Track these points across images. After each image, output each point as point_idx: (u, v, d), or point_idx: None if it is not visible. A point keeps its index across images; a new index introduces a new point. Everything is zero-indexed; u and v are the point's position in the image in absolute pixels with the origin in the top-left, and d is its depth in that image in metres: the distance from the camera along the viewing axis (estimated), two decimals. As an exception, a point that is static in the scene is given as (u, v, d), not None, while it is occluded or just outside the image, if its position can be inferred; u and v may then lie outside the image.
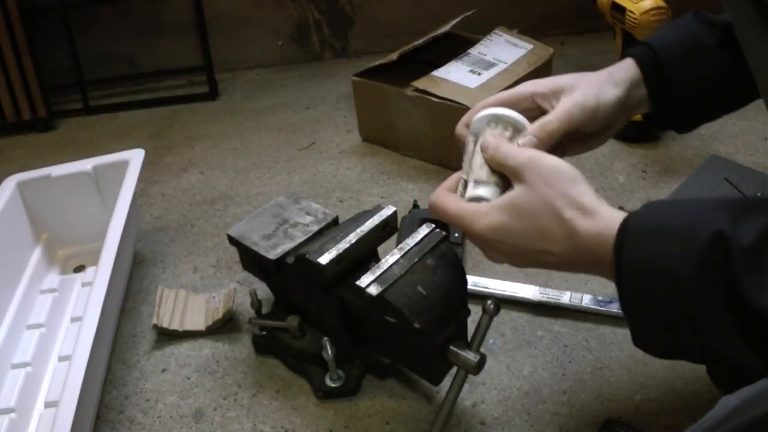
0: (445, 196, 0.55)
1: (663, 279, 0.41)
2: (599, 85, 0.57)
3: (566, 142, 0.59)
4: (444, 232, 0.63)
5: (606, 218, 0.47)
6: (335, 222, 0.72)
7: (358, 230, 0.64)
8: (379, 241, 0.67)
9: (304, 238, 0.69)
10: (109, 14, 1.44)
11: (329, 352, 0.65)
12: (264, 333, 0.73)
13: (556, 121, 0.55)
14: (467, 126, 0.58)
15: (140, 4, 1.44)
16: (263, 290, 0.78)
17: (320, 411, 0.67)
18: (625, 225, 0.44)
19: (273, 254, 0.68)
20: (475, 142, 0.56)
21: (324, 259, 0.61)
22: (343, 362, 0.68)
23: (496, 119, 0.55)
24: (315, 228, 0.71)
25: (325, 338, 0.66)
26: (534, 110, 0.58)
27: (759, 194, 0.79)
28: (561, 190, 0.49)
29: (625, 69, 0.59)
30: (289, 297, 0.72)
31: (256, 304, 0.73)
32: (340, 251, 0.62)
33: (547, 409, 0.65)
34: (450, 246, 0.63)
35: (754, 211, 0.40)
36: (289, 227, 0.71)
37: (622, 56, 0.61)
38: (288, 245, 0.69)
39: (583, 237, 0.47)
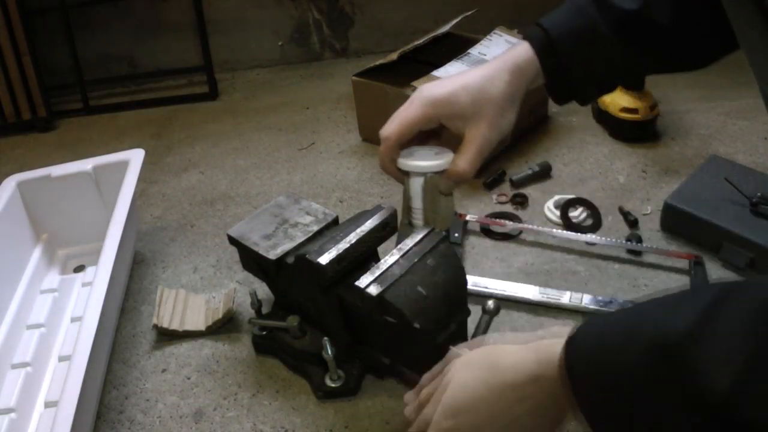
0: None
1: (616, 395, 0.39)
2: (502, 112, 0.60)
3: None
4: (444, 232, 0.63)
5: (538, 348, 0.46)
6: (335, 222, 0.72)
7: (358, 230, 0.64)
8: (379, 241, 0.67)
9: (304, 238, 0.69)
10: (109, 14, 1.44)
11: (329, 351, 0.65)
12: (264, 333, 0.73)
13: (469, 168, 0.59)
14: (394, 161, 0.62)
15: (140, 4, 1.44)
16: (263, 290, 0.78)
17: (320, 411, 0.67)
18: (565, 350, 0.43)
19: (273, 254, 0.68)
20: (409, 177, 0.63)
21: (324, 259, 0.61)
22: (343, 362, 0.68)
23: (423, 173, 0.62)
24: (315, 228, 0.71)
25: (325, 338, 0.66)
26: (439, 127, 0.62)
27: (759, 194, 0.79)
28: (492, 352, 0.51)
29: (522, 62, 0.61)
30: (289, 297, 0.72)
31: (256, 304, 0.73)
32: (340, 251, 0.62)
33: (547, 409, 0.64)
34: (450, 246, 0.63)
35: (686, 301, 0.38)
36: (289, 227, 0.71)
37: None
38: (288, 245, 0.68)
39: (525, 375, 0.46)
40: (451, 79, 0.61)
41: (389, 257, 0.60)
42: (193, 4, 1.39)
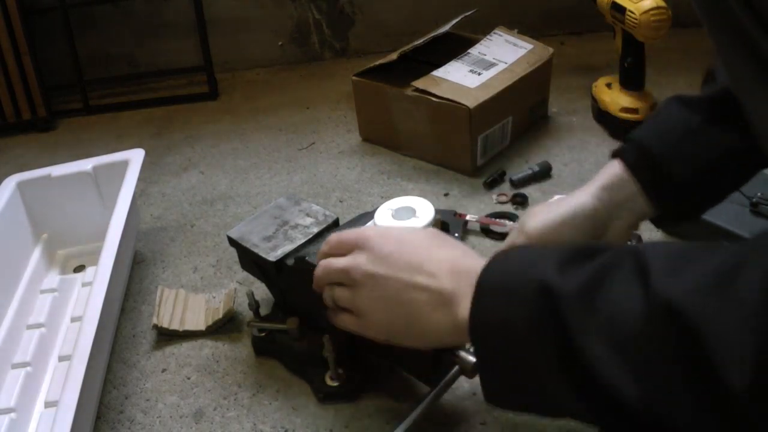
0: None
1: (504, 336, 0.41)
2: (554, 206, 0.58)
3: None
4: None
5: (480, 262, 0.46)
6: (336, 224, 0.72)
7: None
8: None
9: (304, 240, 0.69)
10: (109, 14, 1.44)
11: (329, 350, 0.65)
12: (263, 334, 0.73)
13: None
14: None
15: (140, 4, 1.44)
16: (262, 291, 0.78)
17: (320, 411, 0.67)
18: (481, 277, 0.44)
19: (273, 256, 0.67)
20: None
21: None
22: (343, 363, 0.67)
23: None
24: (315, 230, 0.70)
25: (326, 336, 0.65)
26: None
27: (759, 194, 0.79)
28: (452, 241, 0.52)
29: (603, 172, 0.59)
30: (289, 298, 0.72)
31: (254, 305, 0.73)
32: None
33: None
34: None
35: (582, 258, 0.39)
36: (289, 229, 0.71)
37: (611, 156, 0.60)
38: (288, 247, 0.68)
39: (462, 263, 0.47)
40: (550, 208, 0.59)
41: None
42: (193, 4, 1.39)
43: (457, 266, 0.47)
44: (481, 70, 1.03)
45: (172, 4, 1.44)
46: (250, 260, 0.72)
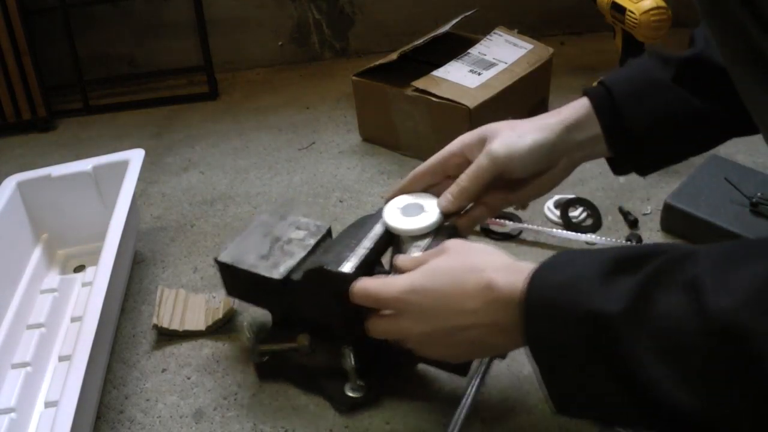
0: (362, 280, 0.56)
1: (562, 361, 0.42)
2: (519, 133, 0.57)
3: (505, 188, 0.60)
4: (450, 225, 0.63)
5: (521, 270, 0.46)
6: (329, 233, 0.70)
7: (371, 235, 0.62)
8: (386, 245, 0.64)
9: (304, 253, 0.66)
10: (109, 14, 1.44)
11: (351, 361, 0.63)
12: (266, 359, 0.70)
13: (465, 178, 0.57)
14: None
15: (140, 4, 1.44)
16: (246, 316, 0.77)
17: (320, 411, 0.67)
18: (526, 303, 0.44)
19: (277, 273, 0.64)
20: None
21: (347, 268, 0.58)
22: (360, 371, 0.65)
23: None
24: (312, 241, 0.68)
25: (346, 347, 0.63)
26: (464, 164, 0.59)
27: (759, 194, 0.79)
28: (481, 253, 0.51)
29: (572, 108, 0.59)
30: (296, 315, 0.68)
31: (254, 332, 0.70)
32: (361, 258, 0.59)
33: (547, 409, 0.64)
34: (461, 236, 0.62)
35: (626, 271, 0.40)
36: (284, 244, 0.68)
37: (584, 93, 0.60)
38: (290, 262, 0.66)
39: (500, 288, 0.47)
40: (516, 136, 0.59)
41: (410, 254, 0.59)
42: (193, 4, 1.39)
43: (494, 294, 0.47)
44: (481, 70, 1.03)
45: (172, 4, 1.44)
46: (244, 283, 0.68)
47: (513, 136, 0.57)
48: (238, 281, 0.68)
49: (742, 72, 0.42)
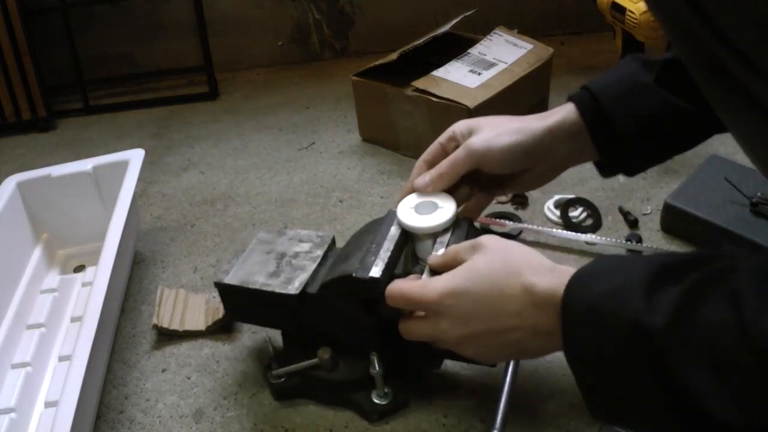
0: (397, 282, 0.55)
1: (602, 371, 0.42)
2: (500, 132, 0.58)
3: (483, 184, 0.63)
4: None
5: (561, 273, 0.46)
6: (333, 242, 0.69)
7: (389, 237, 0.60)
8: (403, 246, 0.63)
9: (315, 265, 0.65)
10: (109, 14, 1.44)
11: (377, 368, 0.62)
12: (282, 380, 0.67)
13: (443, 165, 0.60)
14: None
15: (140, 4, 1.44)
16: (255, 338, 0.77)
17: (320, 411, 0.67)
18: (565, 310, 0.44)
19: (293, 289, 0.62)
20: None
21: (376, 273, 0.57)
22: (384, 377, 0.64)
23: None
24: (319, 252, 0.66)
25: (373, 354, 0.62)
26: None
27: (759, 194, 0.79)
28: (519, 254, 0.50)
29: (557, 114, 0.59)
30: (314, 330, 0.67)
31: (272, 352, 0.68)
32: (386, 261, 0.58)
33: (547, 409, 0.65)
34: (477, 229, 0.62)
35: (669, 281, 0.39)
36: (291, 259, 0.67)
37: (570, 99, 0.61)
38: (303, 276, 0.64)
39: (540, 292, 0.46)
40: (495, 133, 0.60)
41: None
42: (193, 4, 1.39)
43: (534, 298, 0.47)
44: (481, 70, 1.03)
45: (172, 4, 1.44)
46: (254, 304, 0.66)
47: (492, 134, 0.59)
48: (247, 303, 0.67)
49: (699, 77, 0.41)
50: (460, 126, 0.61)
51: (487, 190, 0.64)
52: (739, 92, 0.36)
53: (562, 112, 0.60)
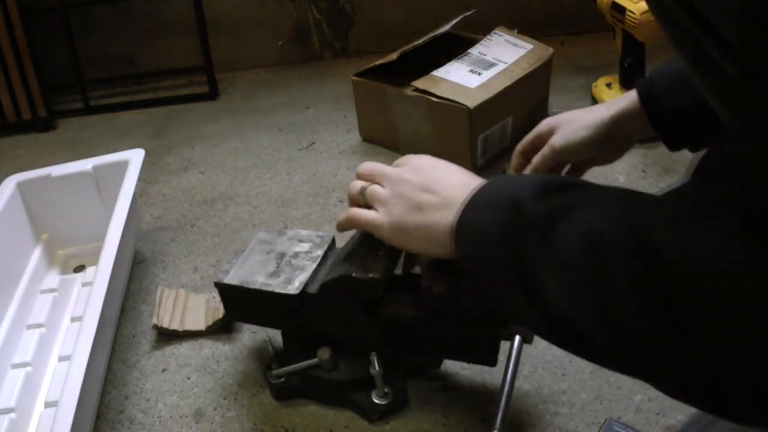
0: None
1: (478, 240, 0.47)
2: (575, 128, 0.68)
3: (577, 165, 0.73)
4: None
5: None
6: (333, 242, 0.69)
7: None
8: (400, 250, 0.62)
9: (315, 265, 0.65)
10: (109, 14, 1.44)
11: (377, 367, 0.62)
12: (282, 379, 0.68)
13: (535, 161, 0.70)
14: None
15: (140, 4, 1.44)
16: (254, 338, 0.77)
17: (320, 411, 0.67)
18: (475, 190, 0.50)
19: (293, 289, 0.62)
20: None
21: (376, 272, 0.58)
22: (384, 377, 0.64)
23: None
24: (319, 252, 0.67)
25: (373, 354, 0.62)
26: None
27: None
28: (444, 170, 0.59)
29: (623, 102, 0.67)
30: (314, 330, 0.67)
31: (272, 353, 0.68)
32: (386, 263, 0.58)
33: (546, 409, 0.65)
34: None
35: (557, 189, 0.44)
36: (291, 259, 0.67)
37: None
38: (303, 276, 0.64)
39: (471, 185, 0.52)
40: (572, 126, 0.69)
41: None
42: (193, 5, 1.39)
43: (468, 184, 0.53)
44: (481, 70, 1.03)
45: (172, 4, 1.44)
46: (254, 304, 0.66)
47: (569, 132, 0.68)
48: (247, 303, 0.67)
49: (691, 72, 0.42)
50: (542, 127, 0.71)
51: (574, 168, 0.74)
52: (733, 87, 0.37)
53: (628, 99, 0.66)
